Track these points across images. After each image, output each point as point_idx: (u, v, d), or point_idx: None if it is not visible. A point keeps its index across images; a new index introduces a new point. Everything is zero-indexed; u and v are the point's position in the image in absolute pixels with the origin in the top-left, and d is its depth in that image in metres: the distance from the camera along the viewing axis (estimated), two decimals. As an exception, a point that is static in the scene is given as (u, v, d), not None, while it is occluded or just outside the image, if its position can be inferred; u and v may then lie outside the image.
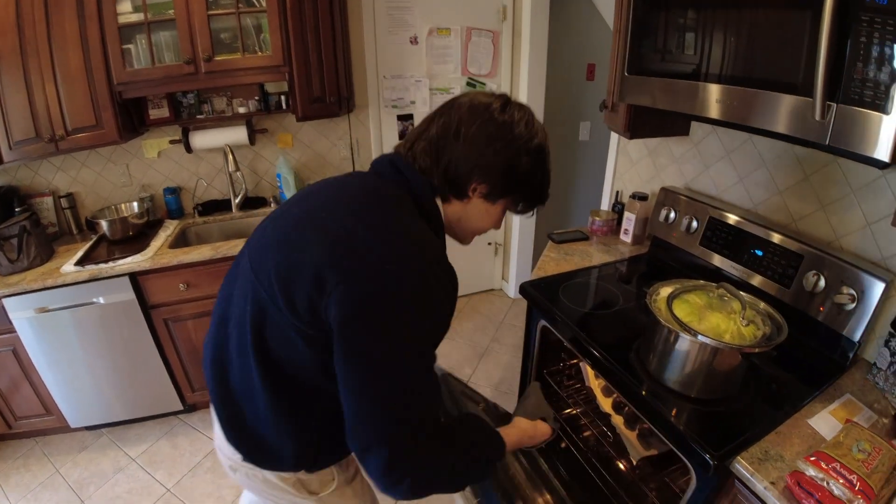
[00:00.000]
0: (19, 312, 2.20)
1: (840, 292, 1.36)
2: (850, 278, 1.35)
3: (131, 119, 2.51)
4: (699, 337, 1.16)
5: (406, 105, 3.19)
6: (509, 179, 1.01)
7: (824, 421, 1.19)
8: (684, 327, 1.19)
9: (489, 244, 3.84)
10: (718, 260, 1.74)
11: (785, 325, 1.21)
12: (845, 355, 1.39)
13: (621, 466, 1.73)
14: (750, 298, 1.29)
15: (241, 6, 2.34)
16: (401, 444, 0.84)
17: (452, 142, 0.98)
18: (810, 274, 1.44)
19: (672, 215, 1.93)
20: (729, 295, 1.28)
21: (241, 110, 2.75)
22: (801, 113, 1.04)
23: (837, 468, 0.98)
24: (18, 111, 2.17)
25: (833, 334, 1.40)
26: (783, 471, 1.05)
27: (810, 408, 1.24)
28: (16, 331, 2.24)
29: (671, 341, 1.25)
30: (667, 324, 1.22)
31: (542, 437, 1.27)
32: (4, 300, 2.16)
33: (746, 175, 1.77)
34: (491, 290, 4.05)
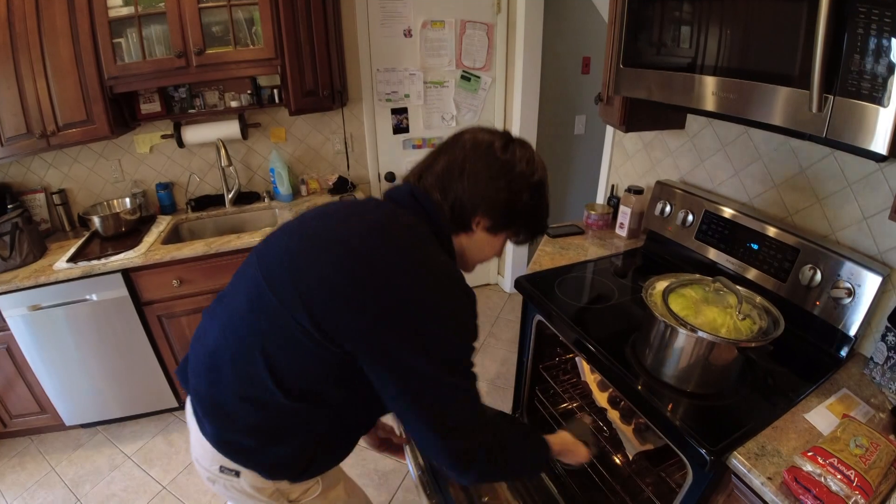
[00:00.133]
0: (12, 310, 2.19)
1: (836, 286, 1.36)
2: (847, 272, 1.35)
3: (122, 114, 2.49)
4: (695, 331, 1.16)
5: (400, 99, 3.16)
6: (510, 214, 1.06)
7: (821, 416, 1.19)
8: (680, 321, 1.19)
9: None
10: (714, 254, 1.73)
11: (781, 320, 1.20)
12: (842, 350, 1.38)
13: (617, 461, 1.73)
14: (746, 292, 1.28)
15: (233, -1, 2.31)
16: (462, 440, 0.95)
17: (457, 179, 1.02)
18: (806, 268, 1.43)
19: (668, 209, 1.92)
20: (725, 289, 1.27)
21: (234, 104, 2.72)
22: (798, 105, 1.03)
23: (835, 464, 0.97)
24: (9, 107, 2.15)
25: (829, 329, 1.39)
26: (780, 466, 1.05)
27: (807, 402, 1.24)
28: (9, 329, 2.23)
29: (667, 336, 1.25)
30: (663, 318, 1.21)
31: (580, 457, 1.35)
32: (-3, 298, 2.15)
33: (742, 168, 1.76)
34: (487, 285, 4.04)
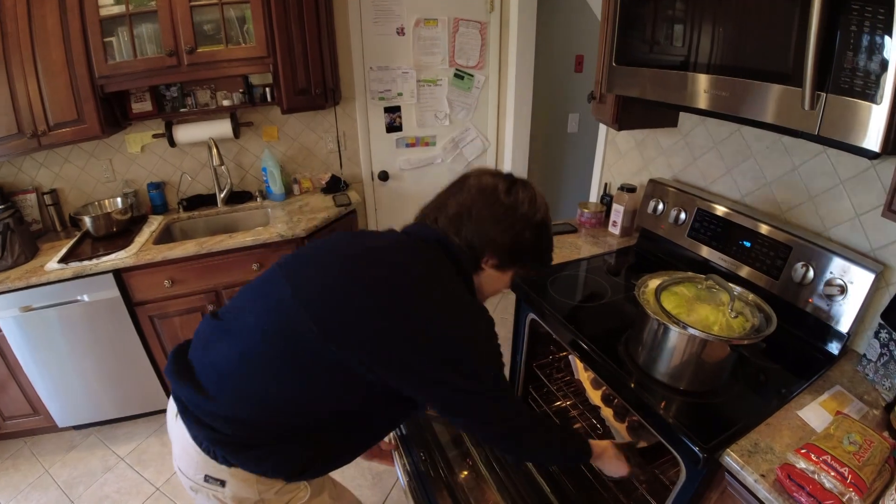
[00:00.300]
0: (4, 311, 2.17)
1: (829, 283, 1.36)
2: (839, 269, 1.35)
3: (114, 113, 2.47)
4: (688, 329, 1.16)
5: (393, 97, 3.15)
6: (516, 252, 1.14)
7: (814, 413, 1.19)
8: (673, 319, 1.19)
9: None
10: (706, 251, 1.74)
11: (774, 317, 1.20)
12: (835, 347, 1.39)
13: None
14: (739, 290, 1.28)
15: (224, -4, 2.30)
16: (512, 433, 1.13)
17: (466, 223, 1.10)
18: (799, 265, 1.44)
19: (660, 207, 1.92)
20: (717, 286, 1.27)
21: (226, 103, 2.70)
22: (791, 103, 1.03)
23: (828, 461, 0.97)
24: (0, 107, 2.13)
25: (822, 326, 1.40)
26: (773, 463, 1.05)
27: (800, 399, 1.24)
28: (1, 330, 2.21)
29: (660, 333, 1.25)
30: (655, 316, 1.21)
31: (620, 469, 1.38)
32: (-12, 299, 2.13)
33: (734, 166, 1.76)
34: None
